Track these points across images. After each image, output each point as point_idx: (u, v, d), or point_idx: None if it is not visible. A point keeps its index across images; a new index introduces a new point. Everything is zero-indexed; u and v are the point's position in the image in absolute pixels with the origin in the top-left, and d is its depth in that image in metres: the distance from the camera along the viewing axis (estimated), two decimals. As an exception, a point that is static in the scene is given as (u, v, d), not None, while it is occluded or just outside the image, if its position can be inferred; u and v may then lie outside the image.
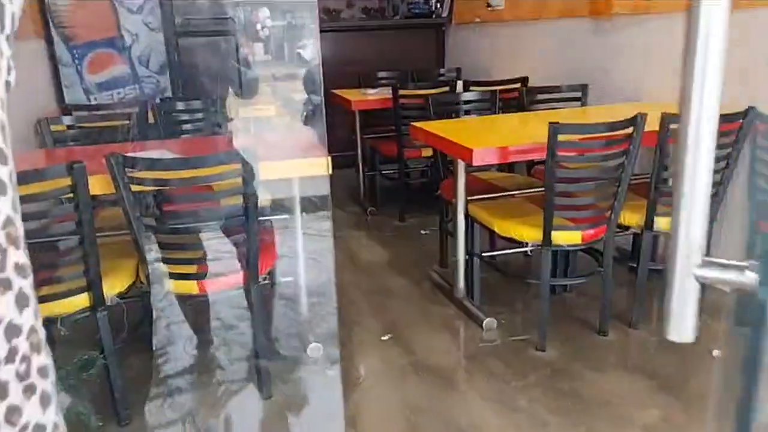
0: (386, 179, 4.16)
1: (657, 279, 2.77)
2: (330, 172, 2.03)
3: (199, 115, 2.98)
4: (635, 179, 2.31)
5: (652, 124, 2.13)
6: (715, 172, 2.33)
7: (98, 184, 1.69)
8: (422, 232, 3.55)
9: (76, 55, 3.54)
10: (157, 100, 3.25)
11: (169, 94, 3.75)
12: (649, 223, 2.37)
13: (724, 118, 2.22)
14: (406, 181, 3.97)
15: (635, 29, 3.15)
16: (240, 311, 2.22)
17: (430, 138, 2.53)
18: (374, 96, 3.86)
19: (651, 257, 2.49)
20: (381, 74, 4.52)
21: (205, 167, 1.70)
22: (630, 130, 2.13)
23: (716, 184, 2.32)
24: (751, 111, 2.22)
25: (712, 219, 2.36)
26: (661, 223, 2.37)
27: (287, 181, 2.20)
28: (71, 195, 1.56)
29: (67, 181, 1.55)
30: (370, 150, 4.16)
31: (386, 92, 3.77)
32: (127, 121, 2.52)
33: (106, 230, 1.89)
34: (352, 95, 3.93)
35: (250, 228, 1.77)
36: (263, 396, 2.03)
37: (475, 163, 2.16)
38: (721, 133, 2.26)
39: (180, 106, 2.86)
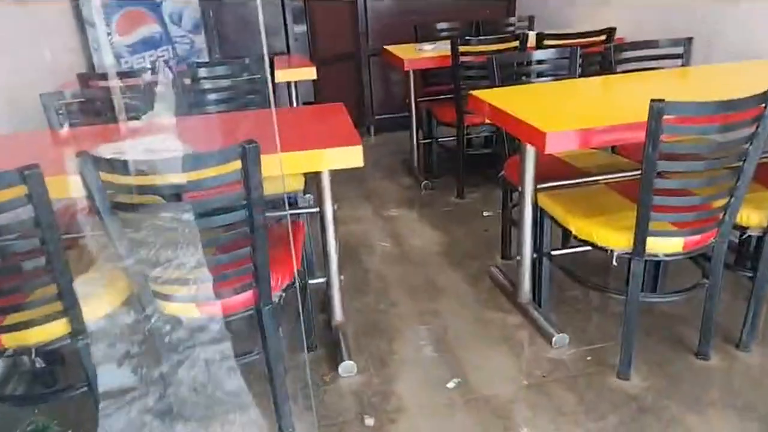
0: (444, 148, 3.70)
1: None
2: (362, 163, 1.63)
3: (229, 82, 2.61)
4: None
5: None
6: None
7: (73, 187, 1.37)
8: (484, 213, 3.10)
9: (105, 14, 3.23)
10: (184, 65, 2.89)
11: (205, 56, 3.41)
12: (775, 225, 1.84)
13: None
14: (467, 151, 3.49)
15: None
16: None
17: (492, 112, 2.06)
18: (431, 53, 3.36)
19: (773, 266, 1.95)
20: (441, 26, 3.98)
21: (200, 167, 1.34)
22: (762, 108, 1.58)
23: None
24: None
25: None
26: (792, 224, 1.83)
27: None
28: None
29: (22, 190, 1.23)
30: (426, 114, 3.69)
31: (445, 48, 3.26)
32: (140, 94, 2.19)
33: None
34: (405, 52, 3.44)
35: (257, 237, 1.41)
36: None
37: (548, 151, 1.69)
38: None
39: (203, 72, 2.50)
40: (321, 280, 2.06)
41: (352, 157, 1.60)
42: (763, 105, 1.58)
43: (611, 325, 2.15)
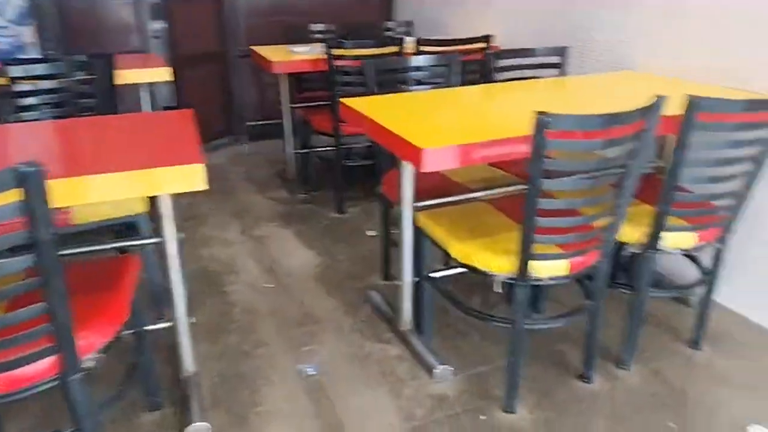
0: (322, 159, 3.45)
1: (657, 306, 2.23)
2: (206, 186, 1.32)
3: (55, 84, 2.17)
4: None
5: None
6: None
7: None
8: (368, 233, 2.85)
9: None
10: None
11: (35, 52, 2.88)
12: (653, 240, 1.78)
13: None
14: (346, 162, 3.26)
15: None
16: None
17: (366, 123, 1.84)
18: (304, 56, 3.10)
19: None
20: (315, 27, 3.74)
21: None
22: (642, 122, 1.49)
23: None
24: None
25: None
26: (670, 240, 1.78)
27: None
28: None
29: None
30: (302, 122, 3.42)
31: (319, 51, 3.02)
32: None
33: None
34: (276, 54, 3.15)
35: (50, 288, 1.07)
36: None
37: (425, 170, 1.49)
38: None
39: (18, 71, 2.04)
40: (166, 324, 1.72)
41: (190, 178, 1.29)
42: (644, 119, 1.49)
43: (495, 348, 2.01)
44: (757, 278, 2.10)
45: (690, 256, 2.09)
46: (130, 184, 1.22)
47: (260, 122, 4.21)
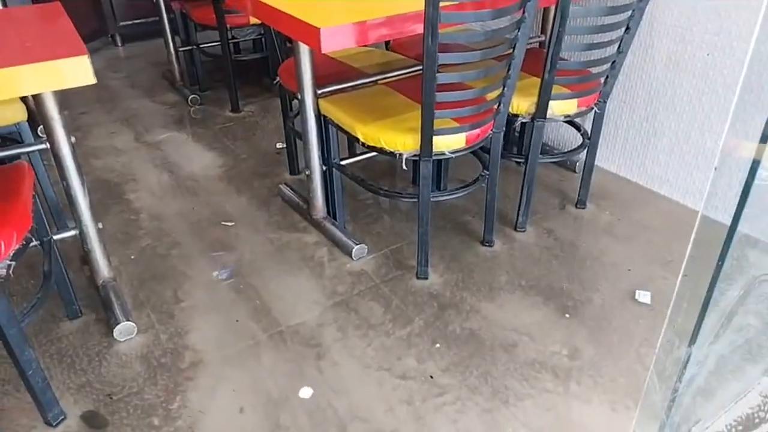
0: (208, 55, 3.27)
1: (546, 173, 2.44)
2: (94, 80, 1.24)
3: None
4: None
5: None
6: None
7: None
8: (277, 146, 2.71)
9: None
10: None
11: None
12: (541, 110, 1.92)
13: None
14: (236, 58, 3.12)
15: None
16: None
17: (256, 8, 1.77)
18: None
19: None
20: None
21: None
22: (527, -9, 1.56)
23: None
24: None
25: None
26: (555, 108, 1.94)
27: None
28: None
29: None
30: (181, 17, 3.19)
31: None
32: None
33: None
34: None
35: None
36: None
37: (324, 50, 1.49)
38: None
39: None
40: (73, 232, 1.66)
41: (75, 71, 1.21)
42: (529, -11, 1.56)
43: (405, 224, 2.15)
44: (630, 141, 2.35)
45: (573, 123, 2.28)
46: (7, 83, 1.12)
47: (136, 21, 3.87)
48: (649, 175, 2.32)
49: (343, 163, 2.04)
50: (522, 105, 1.94)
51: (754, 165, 0.90)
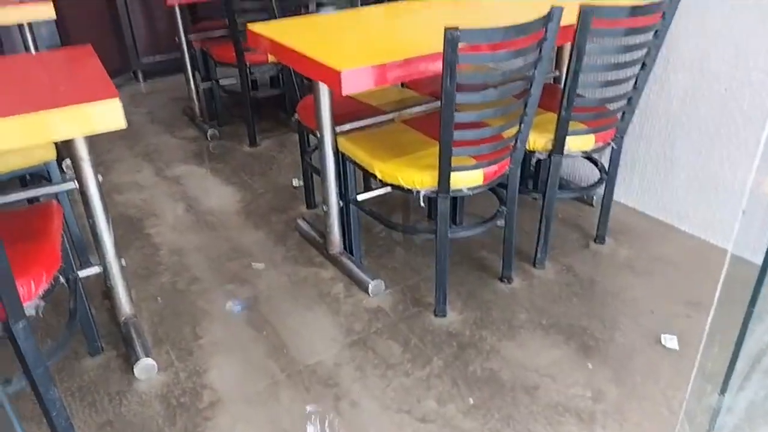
0: (227, 92, 3.34)
1: (563, 208, 2.43)
2: (125, 124, 1.27)
3: None
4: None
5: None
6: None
7: None
8: (294, 184, 2.71)
9: None
10: None
11: None
12: (558, 147, 1.93)
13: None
14: (254, 95, 3.18)
15: None
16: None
17: (277, 49, 1.81)
18: (197, -17, 2.92)
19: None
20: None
21: None
22: (543, 31, 1.58)
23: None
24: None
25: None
26: (572, 144, 1.94)
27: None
28: None
29: None
30: (201, 54, 3.27)
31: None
32: None
33: None
34: (166, -18, 2.95)
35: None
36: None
37: (344, 92, 1.51)
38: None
39: None
40: (97, 269, 1.68)
41: (107, 115, 1.24)
42: (544, 29, 1.58)
43: (421, 258, 2.14)
44: (647, 176, 2.34)
45: (590, 158, 2.28)
46: (41, 128, 1.16)
47: (157, 57, 3.97)
48: (668, 210, 2.31)
49: (360, 198, 2.05)
50: (539, 141, 1.95)
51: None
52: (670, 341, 1.74)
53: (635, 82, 1.91)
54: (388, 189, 1.92)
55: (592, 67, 1.84)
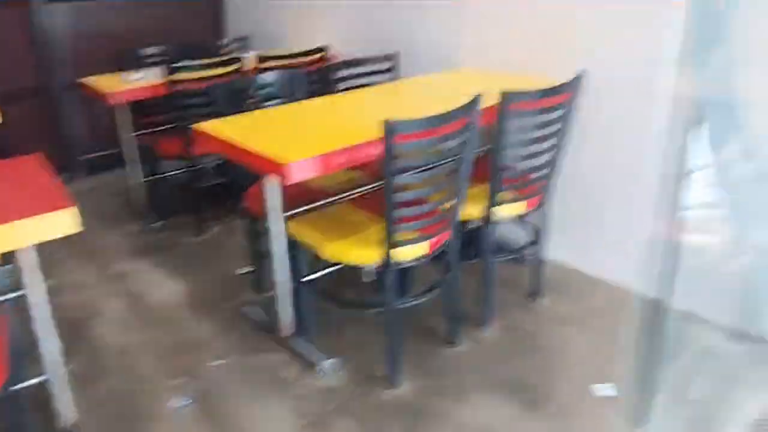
0: (172, 183, 3.38)
1: (503, 268, 2.56)
2: (80, 228, 1.31)
3: None
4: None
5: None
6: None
7: None
8: (238, 272, 2.70)
9: None
10: None
11: None
12: (490, 214, 2.08)
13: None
14: (199, 185, 3.24)
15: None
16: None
17: (225, 147, 1.90)
18: (140, 82, 3.02)
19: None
20: (148, 50, 3.62)
21: None
22: (469, 117, 1.76)
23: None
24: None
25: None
26: (504, 211, 2.10)
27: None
28: None
29: None
30: (146, 148, 3.32)
31: (155, 75, 2.99)
32: None
33: None
34: (108, 83, 3.03)
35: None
36: None
37: (292, 181, 1.61)
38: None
39: None
40: (39, 379, 1.63)
41: (61, 223, 1.28)
42: (468, 115, 1.76)
43: (374, 330, 2.18)
44: (575, 233, 2.53)
45: (522, 222, 2.45)
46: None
47: (100, 153, 3.98)
48: (596, 264, 2.49)
49: (309, 278, 2.11)
50: (473, 211, 2.09)
51: (676, 247, 1.03)
52: (609, 389, 1.85)
53: (555, 153, 2.11)
54: (336, 267, 2.00)
55: (515, 142, 2.03)
